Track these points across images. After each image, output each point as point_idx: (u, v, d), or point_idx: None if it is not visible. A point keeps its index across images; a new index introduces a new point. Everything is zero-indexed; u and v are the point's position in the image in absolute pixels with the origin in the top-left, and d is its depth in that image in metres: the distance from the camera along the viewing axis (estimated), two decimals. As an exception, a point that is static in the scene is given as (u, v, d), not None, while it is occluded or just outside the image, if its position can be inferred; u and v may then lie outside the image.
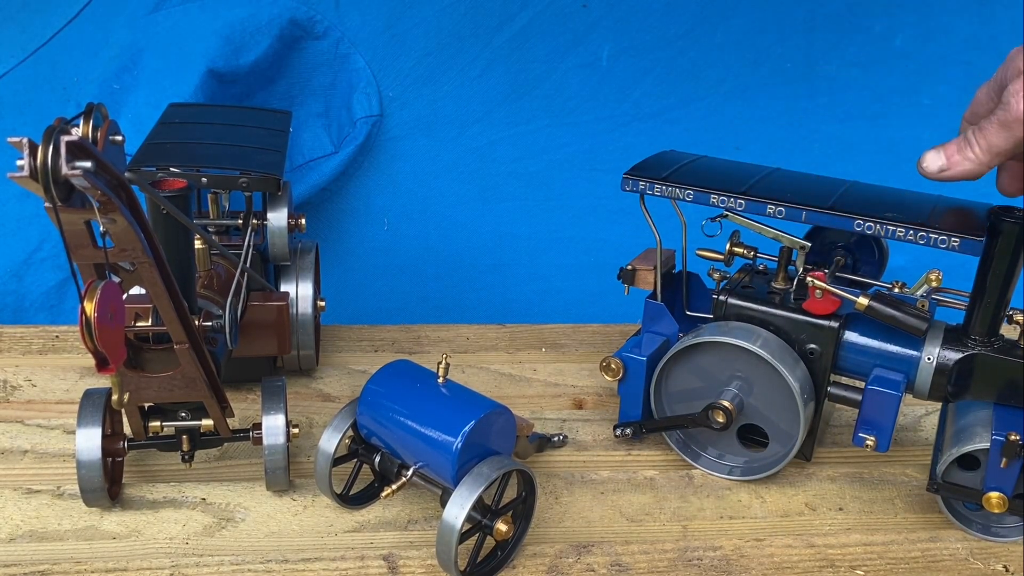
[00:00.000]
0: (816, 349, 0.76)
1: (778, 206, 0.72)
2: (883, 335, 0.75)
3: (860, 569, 0.71)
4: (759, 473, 0.78)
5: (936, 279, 0.73)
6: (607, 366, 0.80)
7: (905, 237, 0.69)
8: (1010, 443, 0.69)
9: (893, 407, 0.73)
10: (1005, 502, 0.71)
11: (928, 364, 0.73)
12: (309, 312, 0.87)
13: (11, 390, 0.88)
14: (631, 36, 1.09)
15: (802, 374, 0.75)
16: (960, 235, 0.68)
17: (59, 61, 1.01)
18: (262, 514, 0.73)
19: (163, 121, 0.87)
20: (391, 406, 0.69)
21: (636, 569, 0.69)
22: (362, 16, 1.04)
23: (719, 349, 0.76)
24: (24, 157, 0.44)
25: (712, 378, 0.78)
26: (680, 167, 0.78)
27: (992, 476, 0.71)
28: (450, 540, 0.63)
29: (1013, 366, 0.72)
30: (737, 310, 0.78)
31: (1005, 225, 0.69)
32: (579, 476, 0.80)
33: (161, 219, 0.63)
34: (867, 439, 0.74)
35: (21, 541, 0.69)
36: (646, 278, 0.83)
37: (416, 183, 1.13)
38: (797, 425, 0.74)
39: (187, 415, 0.70)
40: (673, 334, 0.82)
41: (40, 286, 1.07)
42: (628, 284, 0.83)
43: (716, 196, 0.74)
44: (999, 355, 0.72)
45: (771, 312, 0.77)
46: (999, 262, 0.70)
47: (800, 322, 0.76)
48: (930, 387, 0.74)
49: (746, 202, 0.73)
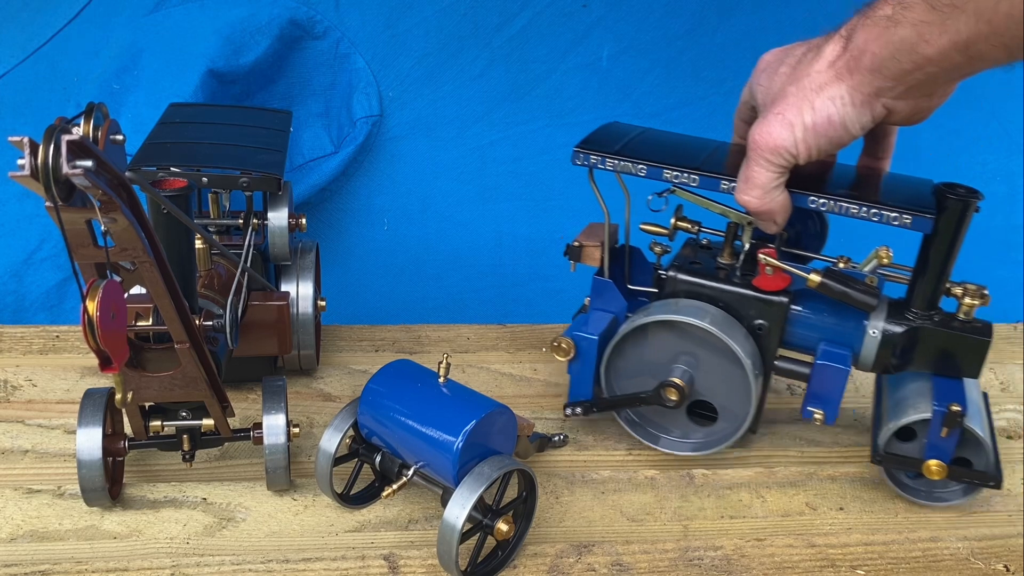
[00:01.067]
0: (765, 324, 0.76)
1: (732, 182, 0.72)
2: (830, 310, 0.76)
3: (861, 569, 0.71)
4: (710, 448, 0.79)
5: (886, 256, 0.74)
6: (558, 346, 0.79)
7: (859, 214, 0.70)
8: (951, 413, 0.71)
9: (841, 381, 0.74)
10: (944, 469, 0.73)
11: (873, 338, 0.75)
12: (310, 312, 0.87)
13: (12, 390, 0.88)
14: (631, 36, 1.09)
15: (752, 349, 0.75)
16: (912, 212, 0.69)
17: (59, 61, 1.01)
18: (263, 514, 0.73)
19: (163, 121, 0.87)
20: (392, 406, 0.69)
21: (637, 569, 0.69)
22: (362, 16, 1.04)
23: (670, 327, 0.76)
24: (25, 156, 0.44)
25: (663, 355, 0.78)
26: (629, 140, 0.78)
27: (932, 445, 0.73)
28: (451, 540, 0.63)
29: (953, 338, 0.74)
30: (686, 286, 0.78)
31: (949, 202, 0.70)
32: (580, 476, 0.80)
33: (162, 219, 0.63)
34: (815, 413, 0.76)
35: (22, 541, 0.69)
36: (593, 254, 0.82)
37: (416, 183, 1.13)
38: (748, 400, 0.75)
39: (188, 415, 0.70)
40: (621, 311, 0.81)
41: (40, 286, 1.07)
42: (575, 261, 0.82)
43: (670, 171, 0.74)
44: (940, 327, 0.74)
45: (720, 288, 0.77)
46: (942, 238, 0.71)
47: (749, 298, 0.76)
48: (875, 360, 0.76)
49: (700, 177, 0.73)
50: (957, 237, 0.71)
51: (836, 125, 0.66)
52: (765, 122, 0.67)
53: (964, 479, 0.75)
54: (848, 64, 0.64)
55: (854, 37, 0.64)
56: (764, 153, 0.67)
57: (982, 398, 0.79)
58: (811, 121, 0.66)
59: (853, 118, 0.66)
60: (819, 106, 0.65)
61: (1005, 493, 0.80)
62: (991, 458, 0.74)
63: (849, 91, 0.65)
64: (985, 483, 0.74)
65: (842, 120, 0.65)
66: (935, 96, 0.67)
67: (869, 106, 0.65)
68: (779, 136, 0.66)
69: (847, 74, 0.64)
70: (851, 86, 0.64)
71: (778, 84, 0.69)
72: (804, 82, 0.66)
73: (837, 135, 0.66)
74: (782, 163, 0.68)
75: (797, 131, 0.66)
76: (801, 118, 0.66)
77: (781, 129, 0.66)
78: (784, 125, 0.66)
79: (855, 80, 0.64)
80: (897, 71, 0.62)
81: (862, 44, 0.63)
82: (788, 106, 0.66)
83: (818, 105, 0.65)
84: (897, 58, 0.61)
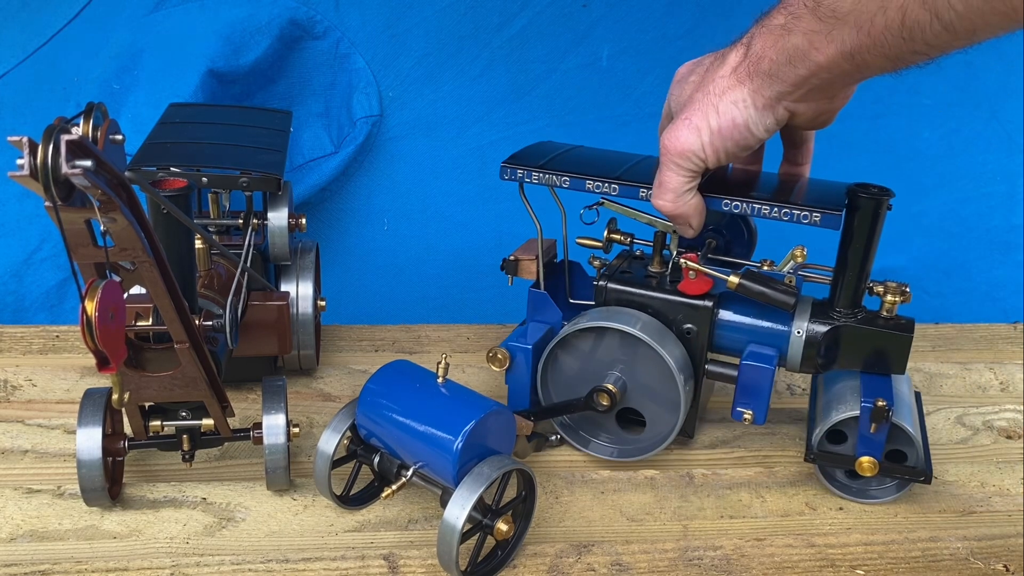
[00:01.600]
0: (692, 329, 0.78)
1: (649, 190, 0.73)
2: (755, 312, 0.77)
3: (860, 569, 0.71)
4: (642, 455, 0.79)
5: (801, 255, 0.76)
6: (493, 356, 0.80)
7: (770, 214, 0.72)
8: (878, 409, 0.71)
9: (767, 380, 0.75)
10: (876, 466, 0.74)
11: (798, 337, 0.76)
12: (309, 312, 0.87)
13: (11, 390, 0.88)
14: (631, 36, 1.08)
15: (680, 354, 0.77)
16: (821, 210, 0.70)
17: (59, 61, 1.01)
18: (263, 514, 0.73)
19: (163, 121, 0.87)
20: (391, 406, 0.69)
21: (636, 569, 0.69)
22: (362, 16, 1.04)
23: (602, 334, 0.78)
24: (24, 156, 0.44)
25: (596, 363, 0.79)
26: (557, 155, 0.80)
27: (863, 442, 0.74)
28: (451, 540, 0.63)
29: (876, 335, 0.74)
30: (617, 295, 0.80)
31: (862, 201, 0.72)
32: (579, 476, 0.80)
33: (162, 219, 0.63)
34: (744, 413, 0.76)
35: (22, 541, 0.69)
36: (529, 268, 0.84)
37: (416, 183, 1.13)
38: (678, 405, 0.76)
39: (188, 414, 0.70)
40: (557, 322, 0.83)
41: (40, 286, 1.07)
42: (512, 274, 0.84)
43: (591, 182, 0.76)
44: (862, 325, 0.75)
45: (648, 295, 0.79)
46: (857, 236, 0.73)
47: (676, 303, 0.78)
48: (801, 359, 0.77)
49: (619, 187, 0.75)
50: (872, 235, 0.73)
51: (740, 127, 0.68)
52: (673, 127, 0.69)
53: (895, 474, 0.75)
54: (748, 69, 0.66)
55: (752, 44, 0.66)
56: (674, 157, 0.70)
57: (913, 394, 0.80)
58: (716, 124, 0.68)
59: (756, 120, 0.68)
60: (723, 110, 0.67)
61: (1005, 493, 0.80)
62: (920, 453, 0.75)
63: (751, 94, 0.67)
64: (915, 478, 0.74)
65: (745, 122, 0.68)
66: (836, 99, 0.70)
67: (771, 109, 0.67)
68: (686, 140, 0.68)
69: (747, 79, 0.67)
70: (752, 90, 0.67)
71: (687, 92, 0.71)
72: (709, 87, 0.68)
73: (743, 137, 0.68)
74: (691, 167, 0.70)
75: (704, 135, 0.68)
76: (707, 122, 0.68)
77: (688, 133, 0.68)
78: (691, 129, 0.68)
79: (755, 84, 0.66)
80: (794, 77, 0.64)
81: (760, 51, 0.65)
82: (694, 111, 0.68)
83: (722, 109, 0.67)
84: (793, 64, 0.64)
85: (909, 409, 0.76)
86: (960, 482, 0.81)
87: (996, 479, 0.82)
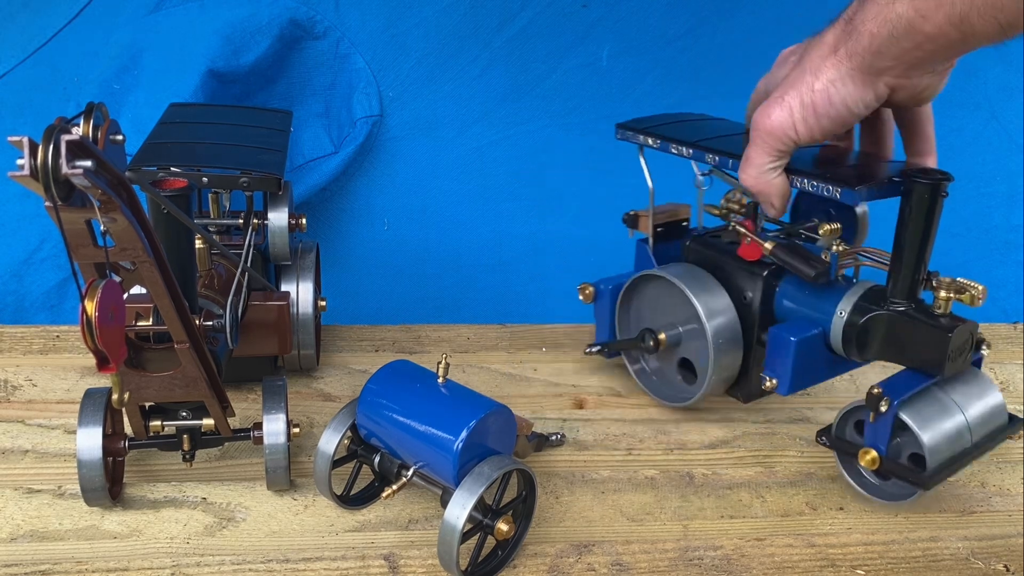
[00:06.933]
0: (749, 295, 0.80)
1: None
2: (809, 288, 0.78)
3: (861, 569, 0.71)
4: (682, 402, 0.86)
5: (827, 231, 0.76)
6: (582, 289, 0.90)
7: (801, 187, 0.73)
8: (871, 395, 0.70)
9: (788, 353, 0.76)
10: (877, 460, 0.72)
11: (840, 319, 0.76)
12: (310, 312, 0.87)
13: (12, 390, 0.88)
14: (631, 36, 1.09)
15: (725, 315, 0.80)
16: (843, 186, 0.70)
17: (59, 61, 1.01)
18: (263, 514, 0.73)
19: (164, 121, 0.87)
20: (391, 406, 0.68)
21: (637, 569, 0.69)
22: (362, 16, 1.04)
23: (662, 284, 0.83)
24: (24, 156, 0.44)
25: (661, 310, 0.85)
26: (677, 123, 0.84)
27: (869, 432, 0.72)
28: (452, 540, 0.63)
29: (910, 328, 0.72)
30: (696, 256, 0.84)
31: (916, 186, 0.70)
32: (580, 476, 0.80)
33: (162, 218, 0.63)
34: (768, 380, 0.78)
35: (22, 541, 0.69)
36: (645, 223, 0.90)
37: (416, 183, 1.13)
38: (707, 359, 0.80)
39: (188, 414, 0.70)
40: None
41: (40, 286, 1.07)
42: (632, 228, 0.91)
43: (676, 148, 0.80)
44: (897, 315, 0.73)
45: (719, 258, 0.82)
46: (911, 225, 0.71)
47: (737, 269, 0.81)
48: (842, 341, 0.76)
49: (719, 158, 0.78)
50: (928, 224, 0.70)
51: (836, 104, 0.67)
52: (766, 105, 0.70)
53: (894, 473, 0.73)
54: (848, 46, 0.65)
55: (854, 19, 0.65)
56: (762, 135, 0.70)
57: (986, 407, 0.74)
58: (809, 101, 0.67)
59: (855, 97, 0.67)
60: (818, 87, 0.67)
61: (1005, 493, 0.80)
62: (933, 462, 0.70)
63: (849, 71, 0.66)
64: (914, 483, 0.71)
65: (842, 100, 0.67)
66: (936, 74, 0.67)
67: (871, 85, 0.66)
68: (777, 118, 0.69)
69: (846, 56, 0.66)
70: (851, 67, 0.66)
71: (784, 72, 0.71)
72: (806, 66, 0.68)
73: (838, 114, 0.68)
74: (780, 146, 0.70)
75: (795, 112, 0.68)
76: (800, 99, 0.68)
77: (780, 112, 0.68)
78: (783, 108, 0.68)
79: (854, 62, 0.66)
80: (897, 50, 0.63)
81: (860, 25, 0.64)
82: (788, 89, 0.68)
83: (817, 87, 0.67)
84: (895, 37, 0.62)
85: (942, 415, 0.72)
86: (960, 482, 0.81)
87: (996, 479, 0.82)
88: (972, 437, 0.74)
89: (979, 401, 0.74)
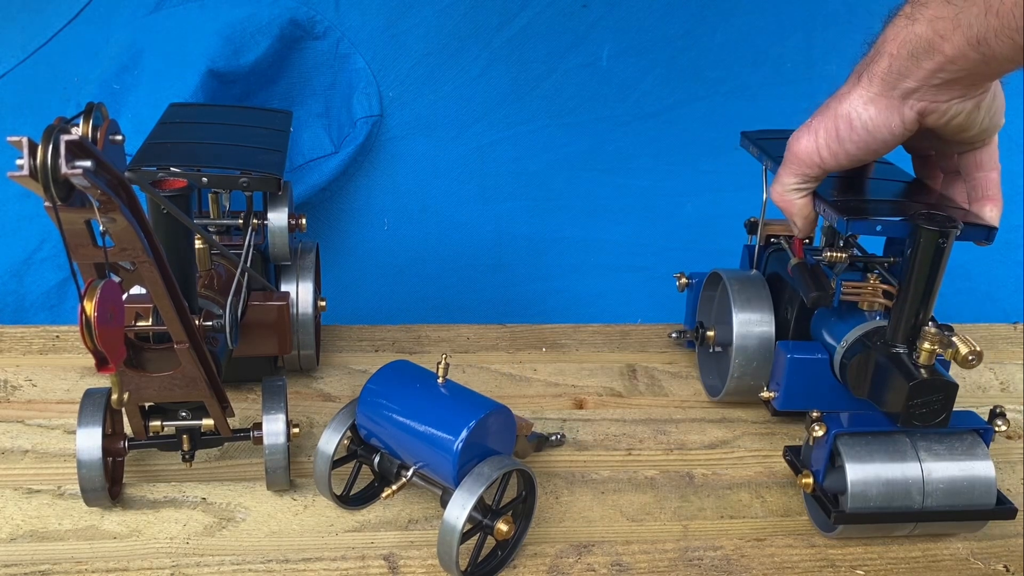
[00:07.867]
0: (790, 309, 0.83)
1: None
2: (833, 311, 0.79)
3: (860, 569, 0.71)
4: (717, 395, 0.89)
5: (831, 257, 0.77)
6: (678, 278, 0.97)
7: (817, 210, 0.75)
8: (810, 418, 0.70)
9: (782, 367, 0.78)
10: (811, 485, 0.71)
11: (841, 349, 0.77)
12: (309, 312, 0.87)
13: (12, 390, 0.88)
14: (631, 36, 1.09)
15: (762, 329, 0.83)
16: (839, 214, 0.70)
17: (59, 61, 1.01)
18: (263, 514, 0.73)
19: (164, 121, 0.87)
20: (391, 406, 0.68)
21: (637, 569, 0.69)
22: (362, 16, 1.04)
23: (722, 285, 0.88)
24: (24, 156, 0.44)
25: (721, 309, 0.89)
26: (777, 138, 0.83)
27: (815, 457, 0.72)
28: (452, 540, 0.63)
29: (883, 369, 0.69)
30: (771, 267, 0.88)
31: (922, 232, 0.67)
32: (580, 476, 0.80)
33: (162, 219, 0.63)
34: (765, 393, 0.81)
35: (22, 541, 0.69)
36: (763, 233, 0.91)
37: (416, 183, 1.13)
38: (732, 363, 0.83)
39: (188, 415, 0.70)
40: None
41: (40, 286, 1.07)
42: (750, 234, 0.93)
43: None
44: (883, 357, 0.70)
45: (783, 273, 0.85)
46: (916, 272, 0.68)
47: (788, 286, 0.84)
48: (839, 370, 0.77)
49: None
50: (931, 273, 0.67)
51: (858, 130, 0.68)
52: (798, 131, 0.72)
53: (817, 500, 0.71)
54: (870, 70, 0.66)
55: (876, 44, 0.66)
56: (791, 157, 0.72)
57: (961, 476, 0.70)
58: (832, 127, 0.68)
59: (877, 122, 0.67)
60: (841, 113, 0.68)
61: (1005, 493, 0.80)
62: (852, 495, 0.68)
63: (872, 96, 0.66)
64: (826, 513, 0.69)
65: (863, 124, 0.67)
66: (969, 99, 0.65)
67: (896, 110, 0.66)
68: (803, 144, 0.71)
69: (868, 81, 0.66)
70: (873, 91, 0.66)
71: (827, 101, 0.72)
72: (839, 92, 0.69)
73: (860, 139, 0.68)
74: (806, 170, 0.72)
75: (820, 138, 0.69)
76: (824, 125, 0.69)
77: (807, 137, 0.70)
78: (810, 133, 0.70)
79: (876, 85, 0.66)
80: (918, 71, 0.63)
81: (881, 47, 0.65)
82: (818, 115, 0.70)
83: (841, 112, 0.68)
84: (916, 57, 0.63)
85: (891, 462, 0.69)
86: (960, 482, 0.81)
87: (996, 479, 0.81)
88: (924, 500, 0.69)
89: (952, 465, 0.69)
